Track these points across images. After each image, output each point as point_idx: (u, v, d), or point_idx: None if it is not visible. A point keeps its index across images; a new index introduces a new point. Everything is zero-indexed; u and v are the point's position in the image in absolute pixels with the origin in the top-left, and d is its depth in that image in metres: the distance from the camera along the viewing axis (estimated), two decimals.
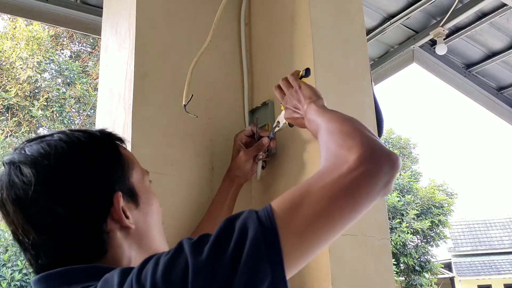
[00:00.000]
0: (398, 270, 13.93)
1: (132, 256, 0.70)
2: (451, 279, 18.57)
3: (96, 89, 10.65)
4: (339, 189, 0.63)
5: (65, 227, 0.65)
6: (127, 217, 0.70)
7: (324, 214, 0.61)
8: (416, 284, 14.13)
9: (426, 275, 14.42)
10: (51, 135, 0.70)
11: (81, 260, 0.65)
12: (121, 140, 0.77)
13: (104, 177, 0.69)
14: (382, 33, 2.87)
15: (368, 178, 0.66)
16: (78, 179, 0.66)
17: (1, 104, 10.15)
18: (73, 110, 11.29)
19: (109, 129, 0.77)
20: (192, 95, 1.11)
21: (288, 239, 0.57)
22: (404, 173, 15.30)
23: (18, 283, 7.07)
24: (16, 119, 10.37)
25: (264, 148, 1.16)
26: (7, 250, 7.28)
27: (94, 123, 1.54)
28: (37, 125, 10.80)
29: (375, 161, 0.67)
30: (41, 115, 10.28)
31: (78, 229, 0.65)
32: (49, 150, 0.67)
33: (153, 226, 0.76)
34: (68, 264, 0.65)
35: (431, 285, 14.88)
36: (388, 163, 0.68)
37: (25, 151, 0.68)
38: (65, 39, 11.94)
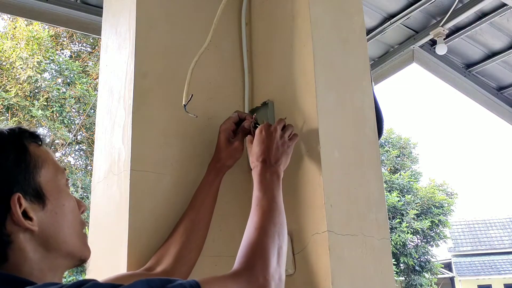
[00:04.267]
0: (398, 270, 13.93)
1: (36, 259, 0.69)
2: (451, 279, 18.57)
3: (96, 89, 10.65)
4: None
5: None
6: (30, 218, 0.69)
7: None
8: (416, 284, 14.13)
9: (426, 275, 14.42)
10: None
11: None
12: (35, 137, 0.76)
13: (2, 178, 0.68)
14: (382, 33, 2.87)
15: None
16: None
17: (1, 104, 10.15)
18: (73, 110, 11.28)
19: (24, 127, 0.76)
20: (192, 95, 1.11)
21: None
22: (404, 173, 15.30)
23: None
24: (16, 119, 10.36)
25: (246, 131, 1.15)
26: None
27: (94, 123, 1.54)
28: (37, 125, 10.79)
29: None
30: (41, 115, 10.27)
31: None
32: None
33: (64, 227, 0.74)
34: None
35: (431, 285, 14.88)
36: None
37: None
38: (65, 39, 11.93)
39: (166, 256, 1.01)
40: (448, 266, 18.34)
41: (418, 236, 14.39)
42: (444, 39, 2.87)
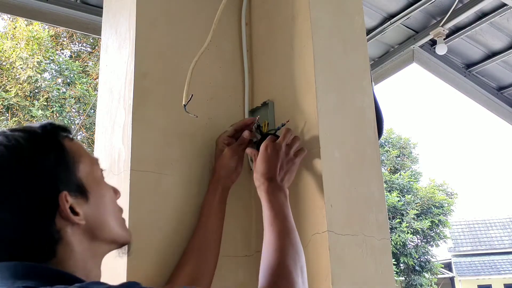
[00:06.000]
0: (398, 270, 13.93)
1: (81, 250, 0.71)
2: (451, 279, 18.58)
3: (96, 89, 10.65)
4: None
5: (13, 232, 0.66)
6: (77, 213, 0.70)
7: None
8: (416, 284, 14.13)
9: (426, 275, 14.43)
10: None
11: (33, 260, 0.66)
12: (66, 130, 0.77)
13: (47, 179, 0.69)
14: (382, 33, 2.88)
15: None
16: (21, 184, 0.67)
17: (1, 104, 10.15)
18: (73, 110, 11.29)
19: (52, 121, 0.76)
20: (192, 95, 1.11)
21: None
22: (404, 173, 15.30)
23: None
24: (16, 119, 10.37)
25: (246, 141, 1.15)
26: None
27: (94, 123, 1.54)
28: None
29: None
30: (41, 115, 10.27)
31: (26, 233, 0.67)
32: None
33: (107, 217, 0.77)
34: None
35: (431, 285, 14.88)
36: None
37: None
38: (65, 39, 11.94)
39: (181, 276, 1.01)
40: (448, 266, 18.34)
41: (418, 236, 14.39)
42: (444, 39, 2.87)
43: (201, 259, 1.04)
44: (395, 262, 13.30)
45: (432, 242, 14.57)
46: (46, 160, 0.70)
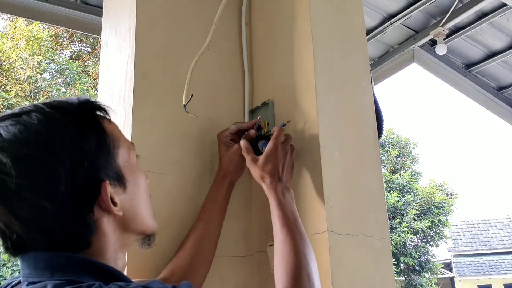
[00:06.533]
0: (398, 270, 13.93)
1: (113, 240, 0.70)
2: (451, 279, 18.57)
3: (96, 89, 10.64)
4: None
5: (50, 221, 0.63)
6: (115, 204, 0.68)
7: None
8: (416, 284, 14.13)
9: (426, 275, 14.42)
10: (28, 113, 0.65)
11: (67, 250, 0.64)
12: (104, 110, 0.72)
13: (88, 165, 0.65)
14: (382, 33, 2.87)
15: None
16: (61, 171, 0.62)
17: (1, 104, 10.14)
18: None
19: (90, 98, 0.72)
20: (192, 95, 1.11)
21: None
22: (404, 173, 15.30)
23: None
24: None
25: (252, 138, 1.14)
26: None
27: None
28: None
29: None
30: None
31: (64, 222, 0.63)
32: (28, 136, 0.62)
33: (141, 208, 0.75)
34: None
35: (431, 285, 14.88)
36: None
37: (0, 134, 0.63)
38: (65, 39, 11.94)
39: (178, 269, 1.01)
40: (448, 266, 18.34)
41: (418, 236, 14.38)
42: (444, 39, 2.87)
43: (199, 253, 1.04)
44: (395, 262, 13.30)
45: (432, 242, 14.57)
46: (87, 144, 0.65)
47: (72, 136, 0.65)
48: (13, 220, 0.62)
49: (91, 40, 11.95)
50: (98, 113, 0.71)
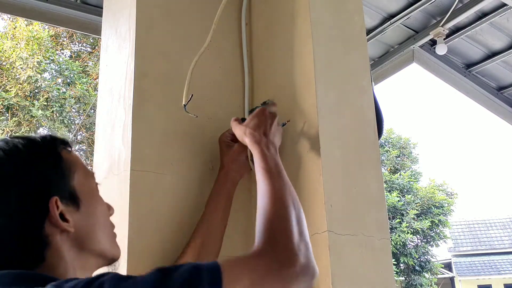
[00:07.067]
0: (398, 270, 13.94)
1: (70, 258, 0.72)
2: (451, 279, 18.58)
3: (96, 89, 10.65)
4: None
5: (4, 235, 0.67)
6: (66, 220, 0.72)
7: None
8: (416, 284, 14.14)
9: (426, 275, 14.43)
10: None
11: (21, 266, 0.67)
12: (66, 143, 0.79)
13: (40, 183, 0.71)
14: (382, 33, 2.88)
15: (296, 285, 0.71)
16: (14, 187, 0.69)
17: (1, 104, 10.15)
18: (73, 110, 11.29)
19: (56, 134, 0.80)
20: (192, 95, 1.11)
21: None
22: (404, 173, 15.30)
23: None
24: (16, 119, 10.37)
25: None
26: None
27: (94, 123, 1.54)
28: (37, 125, 10.79)
29: (309, 276, 0.74)
30: (41, 115, 10.27)
31: (17, 237, 0.68)
32: None
33: (96, 228, 0.78)
34: (8, 269, 0.66)
35: (431, 285, 14.89)
36: (313, 278, 0.75)
37: None
38: (65, 39, 11.94)
39: None
40: (448, 266, 18.34)
41: (418, 236, 14.39)
42: (444, 39, 2.87)
43: (201, 256, 1.04)
44: (395, 262, 13.30)
45: (432, 242, 14.58)
46: (41, 165, 0.72)
47: (26, 157, 0.72)
48: None
49: (91, 40, 11.95)
50: (61, 145, 0.78)
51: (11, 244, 0.68)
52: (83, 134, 11.30)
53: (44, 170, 0.72)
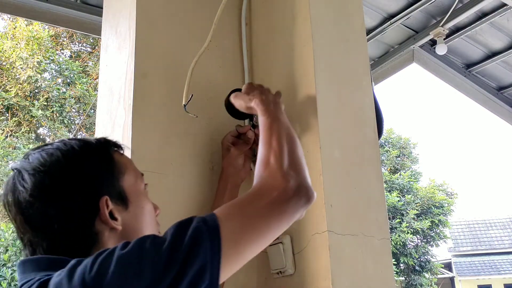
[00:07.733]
0: (398, 270, 13.93)
1: None
2: (451, 279, 18.57)
3: (96, 89, 10.65)
4: (269, 213, 0.76)
5: (56, 228, 0.71)
6: (115, 219, 0.75)
7: (256, 227, 0.74)
8: (416, 284, 14.13)
9: (426, 275, 14.42)
10: (52, 143, 0.78)
11: (70, 257, 0.69)
12: (118, 146, 0.84)
13: (92, 182, 0.75)
14: (382, 33, 2.87)
15: (293, 208, 0.79)
16: (68, 185, 0.73)
17: (1, 104, 10.15)
18: (73, 110, 11.29)
19: (109, 137, 0.84)
20: (192, 95, 1.11)
21: (227, 240, 0.70)
22: (404, 173, 15.29)
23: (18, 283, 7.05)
24: (16, 119, 10.37)
25: (251, 141, 1.16)
26: (7, 250, 7.28)
27: (94, 123, 1.54)
28: (37, 125, 10.80)
29: (302, 196, 0.80)
30: (41, 115, 10.27)
31: (68, 230, 0.72)
32: (47, 158, 0.74)
33: (143, 227, 0.81)
34: None
35: (431, 285, 14.88)
36: (309, 200, 0.81)
37: (28, 158, 0.75)
38: (65, 39, 11.94)
39: None
40: (448, 266, 18.33)
41: (418, 236, 14.38)
42: (444, 39, 2.87)
43: None
44: (395, 262, 13.30)
45: (432, 242, 14.57)
46: (94, 165, 0.77)
47: (81, 158, 0.76)
48: (27, 228, 0.72)
49: (91, 40, 11.95)
50: (113, 147, 0.83)
51: (64, 237, 0.71)
52: (83, 134, 11.29)
53: (97, 171, 0.76)
